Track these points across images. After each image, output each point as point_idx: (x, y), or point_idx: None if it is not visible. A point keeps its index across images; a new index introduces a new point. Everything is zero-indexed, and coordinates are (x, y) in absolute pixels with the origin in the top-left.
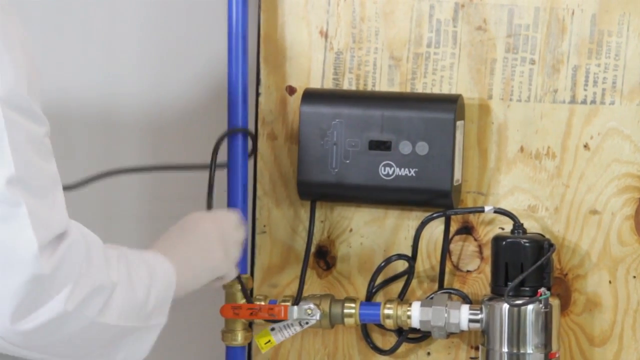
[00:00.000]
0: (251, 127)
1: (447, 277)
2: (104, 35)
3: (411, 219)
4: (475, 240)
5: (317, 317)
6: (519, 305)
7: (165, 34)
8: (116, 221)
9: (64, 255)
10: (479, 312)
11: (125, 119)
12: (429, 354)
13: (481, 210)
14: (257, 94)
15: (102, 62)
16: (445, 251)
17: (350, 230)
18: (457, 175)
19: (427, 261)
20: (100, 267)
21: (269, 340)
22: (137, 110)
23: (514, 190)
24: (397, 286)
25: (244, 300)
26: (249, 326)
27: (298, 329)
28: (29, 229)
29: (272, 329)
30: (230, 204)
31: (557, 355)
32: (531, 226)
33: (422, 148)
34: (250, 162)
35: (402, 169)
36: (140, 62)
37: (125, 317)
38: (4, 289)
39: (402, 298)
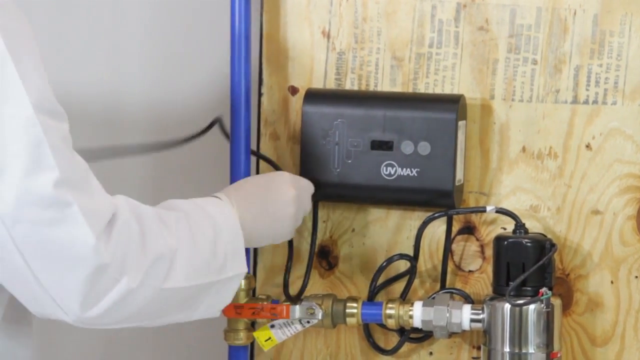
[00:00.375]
0: (253, 127)
1: (449, 276)
2: (108, 34)
3: (413, 219)
4: (477, 240)
5: (319, 316)
6: (521, 305)
7: (168, 34)
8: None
9: (118, 238)
10: (480, 311)
11: (129, 118)
12: (431, 353)
13: (483, 210)
14: (260, 94)
15: (105, 61)
16: (447, 251)
17: (353, 230)
18: (459, 175)
19: (429, 261)
20: (156, 237)
21: (270, 338)
22: (140, 109)
23: (515, 190)
24: (399, 286)
25: (247, 300)
26: (252, 326)
27: (299, 327)
28: (84, 225)
29: (272, 326)
30: None
31: (558, 355)
32: (533, 226)
33: (424, 148)
34: (253, 163)
35: (404, 169)
36: (143, 62)
37: (194, 277)
38: (70, 285)
39: (404, 298)
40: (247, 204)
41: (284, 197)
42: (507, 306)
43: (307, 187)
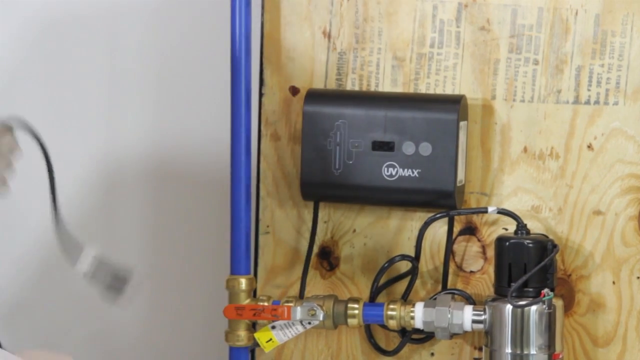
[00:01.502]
0: (254, 128)
1: (450, 277)
2: (106, 30)
3: (414, 220)
4: (479, 240)
5: (321, 317)
6: (523, 306)
7: (167, 42)
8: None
9: None
10: (482, 312)
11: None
12: (432, 354)
13: (484, 211)
14: (260, 95)
15: (102, 61)
16: (449, 252)
17: (354, 231)
18: (461, 175)
19: (430, 262)
20: None
21: (271, 339)
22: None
23: (517, 191)
24: (401, 287)
25: (248, 301)
26: (253, 327)
27: (300, 328)
28: None
29: (273, 327)
30: (234, 204)
31: (560, 356)
32: (535, 227)
33: (426, 149)
34: (254, 162)
35: (406, 170)
36: (142, 63)
37: None
38: None
39: (406, 299)
40: None
41: None
42: (509, 307)
43: None
